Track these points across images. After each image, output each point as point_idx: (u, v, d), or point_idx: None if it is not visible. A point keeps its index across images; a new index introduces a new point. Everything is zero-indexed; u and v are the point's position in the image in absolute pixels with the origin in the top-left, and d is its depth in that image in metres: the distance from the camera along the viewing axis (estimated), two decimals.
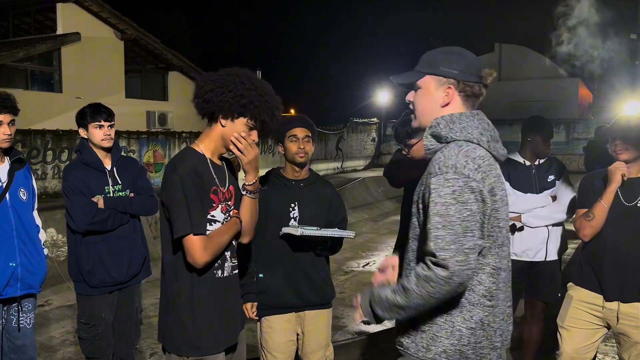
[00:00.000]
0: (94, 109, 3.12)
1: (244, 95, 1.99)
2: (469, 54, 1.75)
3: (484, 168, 1.59)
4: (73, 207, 3.02)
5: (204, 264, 1.98)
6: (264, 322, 2.82)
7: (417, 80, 1.75)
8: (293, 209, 2.75)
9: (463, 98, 1.71)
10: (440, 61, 1.71)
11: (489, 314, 1.64)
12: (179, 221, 1.95)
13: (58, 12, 13.84)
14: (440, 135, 1.68)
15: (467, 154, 1.60)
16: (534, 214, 3.36)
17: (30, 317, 3.05)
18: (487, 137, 1.68)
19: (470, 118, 1.69)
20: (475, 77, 1.71)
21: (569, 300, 2.89)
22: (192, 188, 1.97)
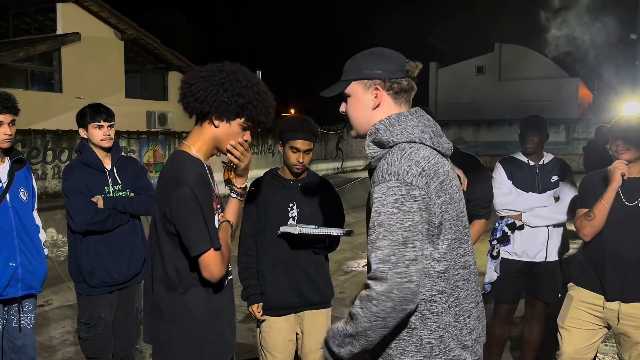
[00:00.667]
0: (93, 109, 3.12)
1: (241, 95, 1.84)
2: (389, 51, 1.71)
3: (428, 170, 1.54)
4: (73, 207, 3.03)
5: (221, 277, 1.85)
6: (263, 322, 2.82)
7: (345, 89, 1.71)
8: (292, 208, 2.76)
9: (393, 96, 1.67)
10: (362, 64, 1.68)
11: (452, 315, 1.60)
12: (196, 237, 1.77)
13: (58, 12, 13.85)
14: (381, 141, 1.63)
15: (410, 157, 1.54)
16: (535, 213, 3.37)
17: (31, 318, 3.05)
18: (428, 134, 1.63)
19: (409, 117, 1.63)
20: (401, 72, 1.66)
21: (570, 300, 2.89)
22: (205, 198, 1.81)
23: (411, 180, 1.51)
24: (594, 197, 2.76)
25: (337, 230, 2.63)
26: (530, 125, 3.47)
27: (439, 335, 1.58)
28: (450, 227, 1.59)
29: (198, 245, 1.78)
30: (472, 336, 1.64)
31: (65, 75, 13.56)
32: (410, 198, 1.49)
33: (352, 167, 20.44)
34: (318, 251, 2.80)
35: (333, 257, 7.65)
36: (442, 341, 1.58)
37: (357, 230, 10.64)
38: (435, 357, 1.58)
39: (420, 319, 1.57)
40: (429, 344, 1.58)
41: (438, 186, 1.55)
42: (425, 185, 1.52)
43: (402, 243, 1.47)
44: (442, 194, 1.56)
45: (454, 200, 1.61)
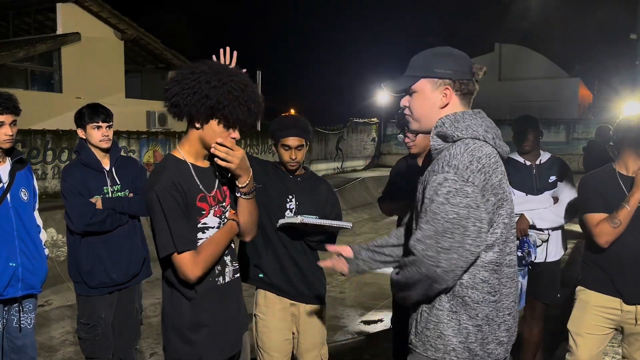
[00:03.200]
0: (92, 110, 3.10)
1: (209, 97, 1.80)
2: (458, 52, 1.75)
3: (488, 167, 1.59)
4: (71, 208, 3.02)
5: (197, 278, 1.87)
6: (259, 322, 2.83)
7: (412, 85, 1.75)
8: (290, 200, 2.79)
9: (460, 97, 1.72)
10: (434, 63, 1.72)
11: (493, 309, 1.66)
12: (161, 240, 1.84)
13: (58, 12, 13.86)
14: (446, 135, 1.68)
15: (472, 152, 1.60)
16: (540, 215, 3.34)
17: (31, 318, 3.05)
18: (492, 134, 1.69)
19: (473, 116, 1.70)
20: (469, 74, 1.72)
21: (584, 305, 2.81)
22: (171, 203, 1.83)
23: (468, 176, 1.57)
24: (600, 199, 2.69)
25: (339, 222, 2.67)
26: (524, 124, 3.47)
27: (476, 323, 1.65)
28: (502, 223, 1.65)
29: (162, 248, 1.85)
30: (509, 333, 1.71)
31: (65, 75, 13.57)
32: (462, 193, 1.56)
33: (352, 167, 20.44)
34: (315, 245, 2.81)
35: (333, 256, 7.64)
36: (480, 331, 1.65)
37: (357, 230, 10.61)
38: (471, 345, 1.64)
39: (461, 304, 1.65)
40: (466, 330, 1.64)
41: (496, 183, 1.61)
42: (483, 182, 1.58)
43: (441, 231, 1.56)
44: (500, 191, 1.62)
45: (509, 200, 1.68)
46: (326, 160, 18.80)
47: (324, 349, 2.93)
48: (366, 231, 10.30)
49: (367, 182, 14.82)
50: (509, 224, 1.68)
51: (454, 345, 1.65)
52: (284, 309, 2.82)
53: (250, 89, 1.87)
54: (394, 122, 22.20)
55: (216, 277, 1.99)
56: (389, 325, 4.99)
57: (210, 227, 1.96)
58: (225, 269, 2.02)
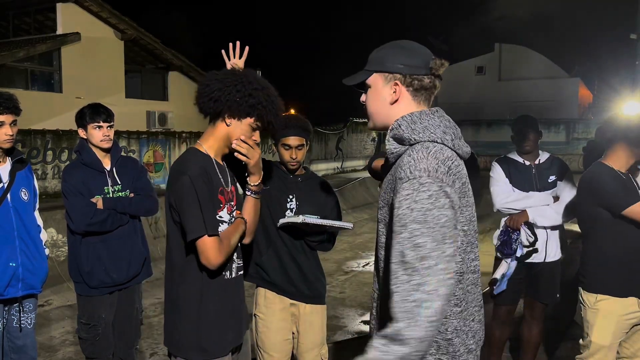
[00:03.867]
0: (93, 110, 3.10)
1: (252, 95, 1.98)
2: (416, 46, 1.66)
3: (453, 170, 1.52)
4: (72, 208, 3.02)
5: (219, 264, 1.95)
6: (259, 322, 2.83)
7: (366, 80, 1.67)
8: (290, 200, 2.79)
9: (412, 93, 1.63)
10: (386, 56, 1.64)
11: (460, 319, 1.59)
12: (192, 223, 1.91)
13: (58, 12, 13.85)
14: (402, 138, 1.60)
15: (435, 156, 1.51)
16: (541, 213, 3.35)
17: (31, 317, 3.05)
18: (450, 135, 1.60)
19: (431, 116, 1.60)
20: (424, 70, 1.61)
21: (608, 316, 2.74)
22: (203, 188, 1.94)
23: (442, 177, 1.48)
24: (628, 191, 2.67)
25: (340, 223, 2.67)
26: (526, 124, 3.47)
27: (447, 337, 1.58)
28: (465, 230, 1.58)
29: (193, 230, 1.91)
30: (476, 339, 1.65)
31: (65, 75, 13.57)
32: (443, 194, 1.46)
33: (352, 167, 20.45)
34: (315, 246, 2.82)
35: (333, 257, 7.68)
36: (451, 344, 1.59)
37: (357, 230, 10.61)
38: (443, 356, 1.59)
39: None
40: (436, 343, 1.58)
41: (459, 188, 1.53)
42: (453, 184, 1.50)
43: (441, 239, 1.42)
44: (462, 196, 1.55)
45: (469, 204, 1.60)
46: (326, 160, 18.80)
47: (324, 349, 2.93)
48: (366, 231, 10.31)
49: (367, 182, 14.82)
50: (469, 230, 1.60)
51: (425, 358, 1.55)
52: (284, 309, 2.82)
53: (280, 100, 2.09)
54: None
55: (224, 272, 2.06)
56: None
57: (224, 222, 2.05)
58: (232, 265, 2.09)
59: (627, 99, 14.01)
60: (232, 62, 2.52)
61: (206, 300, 2.01)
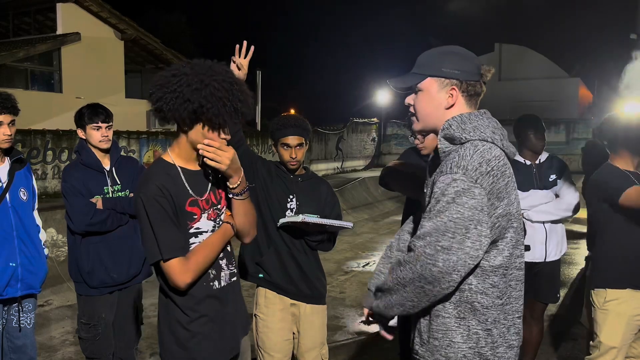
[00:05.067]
0: (91, 110, 3.09)
1: (191, 100, 1.74)
2: (467, 52, 1.72)
3: (497, 170, 1.56)
4: (72, 208, 3.02)
5: (186, 285, 1.83)
6: (260, 322, 2.83)
7: (418, 83, 1.71)
8: (291, 200, 2.79)
9: (466, 98, 1.69)
10: (441, 62, 1.67)
11: (501, 312, 1.63)
12: (147, 247, 1.81)
13: (58, 12, 13.86)
14: (453, 137, 1.65)
15: (482, 154, 1.57)
16: (537, 208, 3.35)
17: (31, 317, 3.05)
18: (499, 135, 1.66)
19: (480, 117, 1.66)
20: (477, 76, 1.68)
21: (619, 318, 2.73)
22: (156, 209, 1.79)
23: (477, 177, 1.53)
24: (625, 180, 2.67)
25: (341, 222, 2.67)
26: (537, 124, 3.46)
27: (486, 327, 1.62)
28: (511, 227, 1.62)
29: (149, 255, 1.83)
30: (518, 336, 1.69)
31: (65, 75, 13.58)
32: (469, 194, 1.52)
33: (352, 167, 20.44)
34: (315, 245, 2.82)
35: (333, 257, 7.67)
36: (490, 335, 1.62)
37: (357, 230, 10.60)
38: (482, 349, 1.62)
39: (469, 310, 1.61)
40: (476, 335, 1.61)
41: (503, 187, 1.58)
42: (490, 186, 1.55)
43: (442, 230, 1.51)
44: (507, 195, 1.59)
45: (517, 202, 1.65)
46: (326, 160, 18.80)
47: (324, 349, 2.93)
48: (366, 231, 10.30)
49: (367, 182, 14.81)
50: (518, 227, 1.65)
51: (464, 352, 1.61)
52: (284, 309, 2.82)
53: (237, 87, 1.80)
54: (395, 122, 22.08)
55: (211, 282, 1.93)
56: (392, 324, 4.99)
57: (203, 232, 1.92)
58: (220, 273, 1.97)
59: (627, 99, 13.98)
60: (237, 62, 2.50)
61: (194, 313, 1.91)
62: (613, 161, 2.81)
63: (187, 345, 1.91)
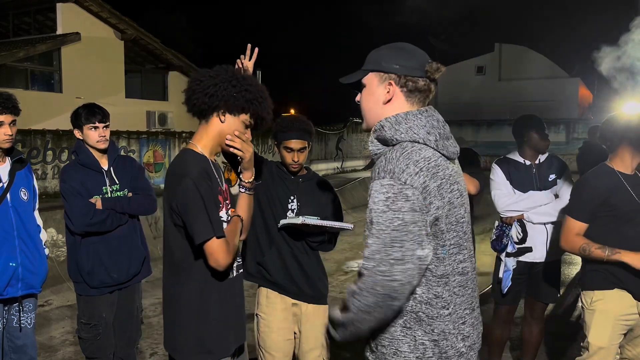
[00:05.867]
0: (88, 110, 3.08)
1: (249, 91, 1.97)
2: (413, 48, 1.67)
3: (426, 171, 1.51)
4: (71, 209, 3.01)
5: (227, 265, 1.94)
6: (261, 322, 2.83)
7: (362, 79, 1.68)
8: (292, 201, 2.79)
9: (406, 94, 1.63)
10: (382, 57, 1.65)
11: (449, 322, 1.59)
12: (200, 226, 1.88)
13: (58, 12, 13.86)
14: (385, 139, 1.61)
15: (409, 156, 1.51)
16: (536, 209, 3.36)
17: (31, 317, 3.05)
18: (434, 135, 1.59)
19: (418, 116, 1.60)
20: (419, 72, 1.62)
21: (605, 316, 2.73)
22: (207, 190, 1.91)
23: (405, 179, 1.48)
24: (605, 204, 2.66)
25: (341, 224, 2.66)
26: (540, 124, 3.46)
27: (433, 338, 1.57)
28: (449, 231, 1.57)
29: (201, 233, 1.88)
30: (467, 343, 1.63)
31: (65, 75, 13.58)
32: (402, 197, 1.47)
33: (352, 167, 20.44)
34: (316, 246, 2.82)
35: (333, 257, 7.67)
36: (437, 345, 1.58)
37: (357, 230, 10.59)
38: (429, 359, 1.57)
39: (415, 320, 1.57)
40: (422, 345, 1.57)
41: (435, 189, 1.52)
42: (421, 185, 1.49)
43: (389, 242, 1.46)
44: (439, 197, 1.53)
45: (454, 205, 1.58)
46: (326, 160, 18.79)
47: (325, 349, 2.93)
48: None
49: (367, 182, 14.80)
50: (458, 232, 1.60)
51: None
52: (285, 309, 2.82)
53: (268, 97, 2.06)
54: None
55: (228, 271, 2.04)
56: None
57: (224, 221, 2.02)
58: (233, 264, 2.07)
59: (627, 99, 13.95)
60: (244, 64, 2.51)
61: (209, 300, 1.99)
62: (610, 162, 2.80)
63: (200, 333, 1.98)
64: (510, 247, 3.38)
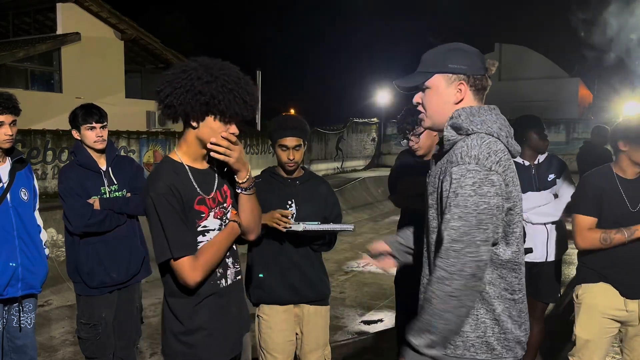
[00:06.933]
0: (85, 111, 3.08)
1: (202, 92, 1.77)
2: (470, 48, 1.74)
3: (505, 162, 1.60)
4: (69, 210, 3.01)
5: (196, 283, 1.84)
6: (262, 322, 2.82)
7: (426, 81, 1.73)
8: (290, 206, 2.78)
9: (474, 92, 1.71)
10: (447, 58, 1.70)
11: (511, 307, 1.66)
12: (157, 245, 1.82)
13: (58, 12, 13.86)
14: (460, 127, 1.67)
15: (489, 146, 1.60)
16: (536, 210, 3.35)
17: (31, 317, 3.05)
18: (505, 132, 1.68)
19: (489, 112, 1.69)
20: (483, 70, 1.71)
21: (590, 309, 2.77)
22: (166, 208, 1.80)
23: (490, 165, 1.56)
24: (599, 201, 2.68)
25: (341, 226, 2.65)
26: (540, 124, 3.46)
27: (494, 317, 1.64)
28: (517, 221, 1.66)
29: (159, 254, 1.83)
30: (526, 332, 1.73)
31: (65, 75, 13.58)
32: (488, 182, 1.55)
33: (352, 167, 20.43)
34: (318, 248, 2.81)
35: (333, 257, 7.68)
36: (498, 325, 1.65)
37: (357, 230, 10.58)
38: (489, 339, 1.64)
39: (478, 299, 1.63)
40: (484, 324, 1.64)
41: (511, 179, 1.62)
42: (503, 173, 1.58)
43: (476, 225, 1.53)
44: (514, 187, 1.63)
45: (520, 198, 1.68)
46: (326, 160, 18.79)
47: (327, 349, 2.92)
48: (366, 231, 10.30)
49: (367, 182, 14.82)
50: (521, 223, 1.69)
51: (472, 341, 1.63)
52: (287, 309, 2.81)
53: (244, 81, 1.85)
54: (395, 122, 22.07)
55: (218, 280, 1.94)
56: (389, 325, 4.99)
57: (210, 230, 1.93)
58: (227, 272, 1.98)
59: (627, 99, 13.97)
60: None
61: (200, 311, 1.92)
62: (613, 164, 2.80)
63: (192, 344, 1.92)
64: None
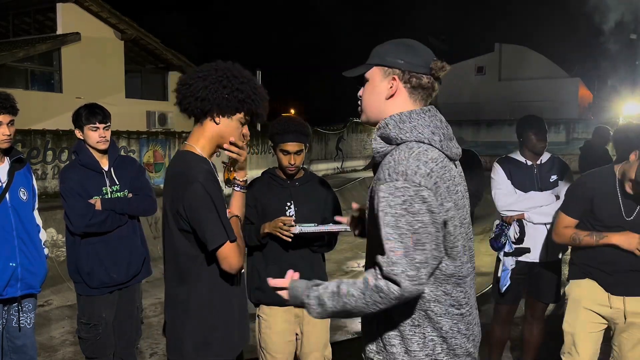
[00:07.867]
0: (89, 111, 3.08)
1: (240, 90, 1.90)
2: (419, 45, 1.66)
3: (436, 172, 1.50)
4: (70, 210, 3.01)
5: (239, 268, 1.91)
6: (262, 323, 2.82)
7: (365, 73, 1.66)
8: (289, 207, 2.77)
9: (409, 90, 1.61)
10: (387, 51, 1.64)
11: (459, 322, 1.59)
12: (212, 231, 1.84)
13: (58, 12, 13.85)
14: (389, 137, 1.59)
15: (418, 157, 1.50)
16: (537, 210, 3.35)
17: (31, 317, 3.05)
18: (439, 135, 1.58)
19: (421, 115, 1.59)
20: (424, 69, 1.60)
21: (576, 304, 2.81)
22: (216, 193, 1.87)
23: (419, 180, 1.46)
24: (589, 203, 2.70)
25: (338, 227, 2.63)
26: (539, 125, 3.46)
27: (441, 335, 1.58)
28: (456, 233, 1.57)
29: (214, 239, 1.84)
30: (475, 342, 1.66)
31: (65, 75, 13.56)
32: (419, 199, 1.45)
33: (352, 167, 20.43)
34: (317, 249, 2.81)
35: (333, 257, 7.68)
36: (446, 342, 1.58)
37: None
38: (438, 356, 1.58)
39: (424, 317, 1.58)
40: (432, 342, 1.58)
41: (445, 190, 1.51)
42: (434, 186, 1.48)
43: (412, 246, 1.44)
44: (448, 198, 1.53)
45: (458, 207, 1.58)
46: (326, 160, 18.79)
47: (327, 349, 2.92)
48: None
49: (367, 182, 14.81)
50: (464, 232, 1.60)
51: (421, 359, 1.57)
52: (287, 310, 2.80)
53: (263, 89, 2.02)
54: None
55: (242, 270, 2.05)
56: None
57: None
58: None
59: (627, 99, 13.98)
60: None
61: (216, 304, 1.95)
62: (615, 165, 2.80)
63: (210, 338, 1.95)
64: (507, 246, 3.39)
